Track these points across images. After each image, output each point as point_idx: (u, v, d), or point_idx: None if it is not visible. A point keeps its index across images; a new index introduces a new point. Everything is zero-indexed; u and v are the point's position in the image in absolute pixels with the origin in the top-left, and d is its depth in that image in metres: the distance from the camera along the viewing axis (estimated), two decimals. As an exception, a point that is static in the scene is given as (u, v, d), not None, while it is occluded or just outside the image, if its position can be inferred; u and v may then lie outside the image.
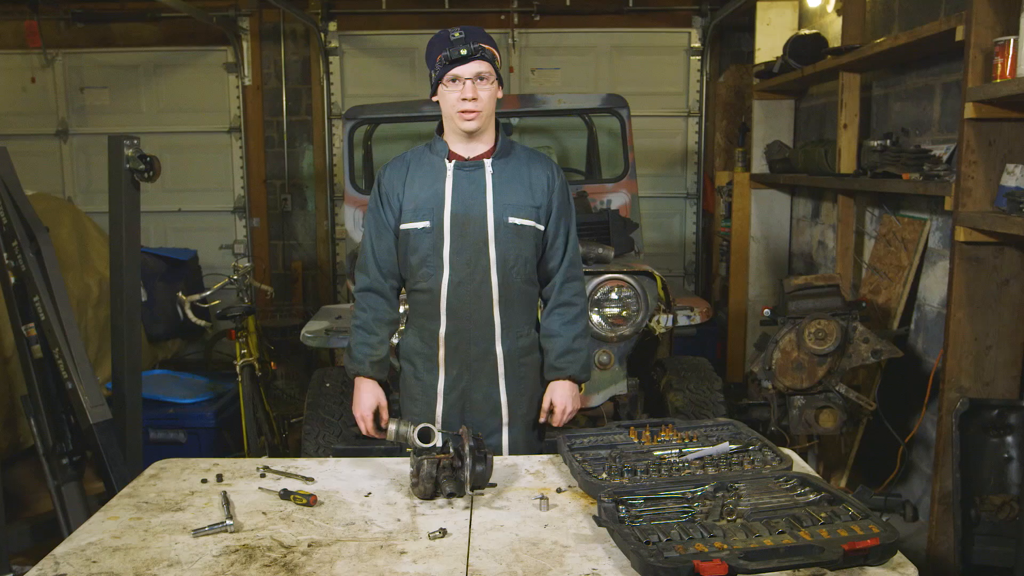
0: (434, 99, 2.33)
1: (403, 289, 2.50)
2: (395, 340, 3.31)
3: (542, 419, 2.48)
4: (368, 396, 2.39)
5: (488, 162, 2.34)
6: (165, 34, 6.56)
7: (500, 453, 2.42)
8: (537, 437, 2.56)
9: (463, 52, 2.20)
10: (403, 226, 2.36)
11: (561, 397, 2.44)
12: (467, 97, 2.23)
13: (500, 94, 2.31)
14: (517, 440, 2.46)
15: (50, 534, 3.01)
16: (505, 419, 2.44)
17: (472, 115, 2.25)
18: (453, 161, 2.34)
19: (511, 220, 2.32)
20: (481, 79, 2.23)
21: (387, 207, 2.39)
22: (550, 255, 2.43)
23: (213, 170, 6.75)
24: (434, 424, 2.17)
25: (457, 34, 2.23)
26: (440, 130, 2.40)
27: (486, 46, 2.24)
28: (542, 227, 2.38)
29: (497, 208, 2.32)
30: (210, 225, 6.80)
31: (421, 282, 2.37)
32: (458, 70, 2.22)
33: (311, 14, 6.41)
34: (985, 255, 2.95)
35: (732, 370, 5.77)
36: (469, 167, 2.34)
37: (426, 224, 2.33)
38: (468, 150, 2.35)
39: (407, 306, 2.51)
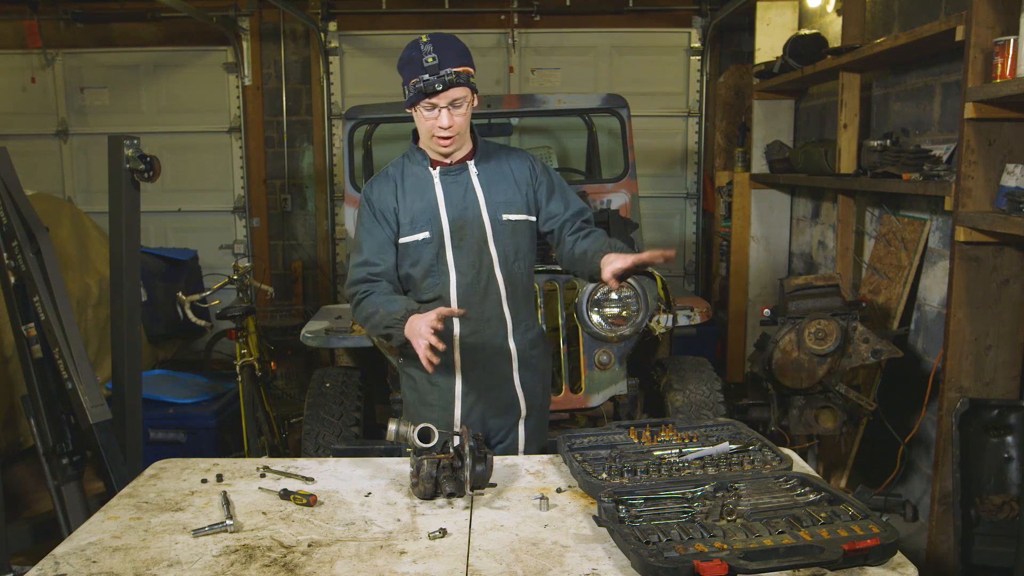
0: (408, 110, 2.28)
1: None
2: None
3: (605, 277, 2.14)
4: (421, 321, 2.08)
5: (471, 163, 2.35)
6: (165, 34, 6.56)
7: (516, 450, 2.45)
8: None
9: (438, 88, 2.15)
10: (402, 240, 2.34)
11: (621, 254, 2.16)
12: (442, 125, 2.21)
13: (476, 102, 2.27)
14: (533, 431, 2.50)
15: (50, 534, 3.01)
16: (523, 412, 2.46)
17: (447, 141, 2.25)
18: (437, 168, 2.34)
19: (505, 217, 2.34)
20: (456, 106, 2.20)
21: (384, 223, 2.34)
22: (559, 224, 2.40)
23: (213, 170, 6.75)
24: (452, 428, 2.16)
25: (430, 59, 2.14)
26: (416, 137, 2.37)
27: (461, 69, 2.17)
28: (534, 218, 2.40)
29: (490, 207, 2.33)
30: (210, 225, 6.80)
31: (428, 291, 2.36)
32: (433, 99, 2.18)
33: (311, 14, 6.41)
34: (985, 255, 2.95)
35: (732, 370, 5.78)
36: (454, 171, 2.34)
37: (425, 235, 2.32)
38: (449, 155, 2.34)
39: None
